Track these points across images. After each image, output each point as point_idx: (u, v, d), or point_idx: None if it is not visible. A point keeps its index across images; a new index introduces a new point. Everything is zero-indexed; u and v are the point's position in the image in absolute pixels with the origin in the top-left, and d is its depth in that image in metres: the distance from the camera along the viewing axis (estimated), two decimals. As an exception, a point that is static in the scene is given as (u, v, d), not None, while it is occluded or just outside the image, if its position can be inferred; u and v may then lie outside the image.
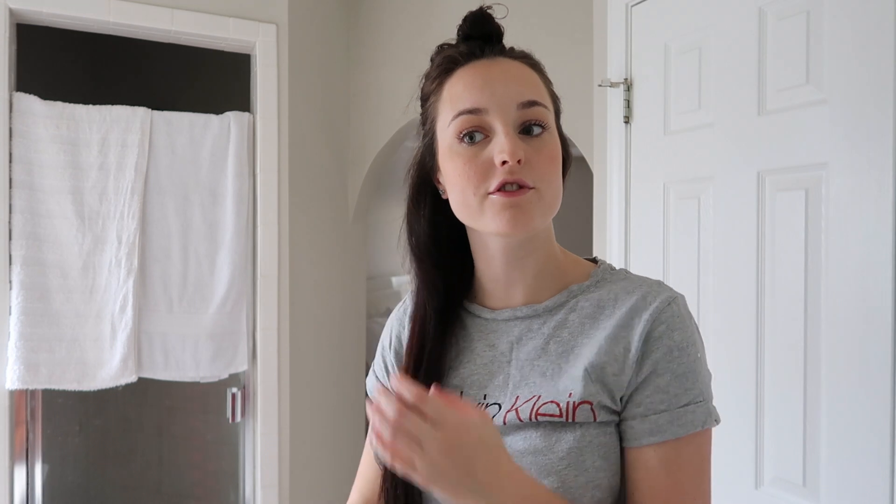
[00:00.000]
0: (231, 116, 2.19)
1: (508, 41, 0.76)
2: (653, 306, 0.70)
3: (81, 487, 2.95)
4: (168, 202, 2.12)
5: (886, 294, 1.10)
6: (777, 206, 1.28)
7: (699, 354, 0.71)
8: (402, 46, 2.43)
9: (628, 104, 1.63)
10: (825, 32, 1.19)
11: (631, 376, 0.69)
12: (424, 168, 0.78)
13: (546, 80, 0.76)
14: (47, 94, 1.99)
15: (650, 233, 1.58)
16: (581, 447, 0.68)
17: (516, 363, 0.75)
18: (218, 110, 2.19)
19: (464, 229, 0.79)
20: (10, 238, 1.93)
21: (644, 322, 0.70)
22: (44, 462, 2.06)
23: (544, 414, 0.69)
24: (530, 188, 0.68)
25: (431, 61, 0.77)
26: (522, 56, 0.75)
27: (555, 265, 0.78)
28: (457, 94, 0.72)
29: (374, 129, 2.53)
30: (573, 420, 0.68)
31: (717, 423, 0.71)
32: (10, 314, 1.92)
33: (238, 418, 2.23)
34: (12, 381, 1.91)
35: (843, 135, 1.16)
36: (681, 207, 1.50)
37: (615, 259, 1.66)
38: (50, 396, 2.21)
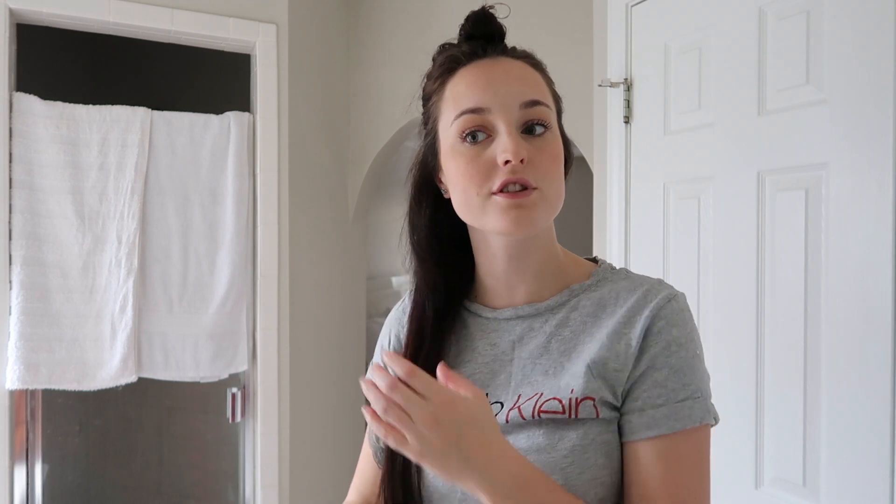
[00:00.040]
0: (231, 116, 2.19)
1: (508, 41, 0.76)
2: (653, 303, 0.71)
3: (81, 487, 2.95)
4: (168, 202, 2.12)
5: (886, 294, 1.10)
6: (777, 206, 1.28)
7: (698, 351, 0.71)
8: (402, 46, 2.43)
9: (628, 104, 1.63)
10: (825, 32, 1.19)
11: (630, 371, 0.69)
12: (426, 167, 0.78)
13: (548, 80, 0.76)
14: (47, 94, 1.99)
15: (650, 233, 1.58)
16: (584, 445, 0.68)
17: (518, 362, 0.75)
18: (218, 110, 2.19)
19: (465, 229, 0.79)
20: (10, 238, 1.93)
21: (644, 318, 0.70)
22: (44, 462, 2.06)
23: (547, 411, 0.69)
24: (534, 189, 0.69)
25: (433, 61, 0.77)
26: (525, 56, 0.75)
27: (556, 264, 0.78)
28: (459, 94, 0.72)
29: (374, 129, 2.53)
30: (576, 416, 0.68)
31: (717, 422, 0.71)
32: (10, 314, 1.92)
33: (238, 418, 2.24)
34: (12, 381, 1.91)
35: (843, 135, 1.16)
36: (681, 207, 1.50)
37: (615, 259, 1.66)
38: (50, 396, 2.21)
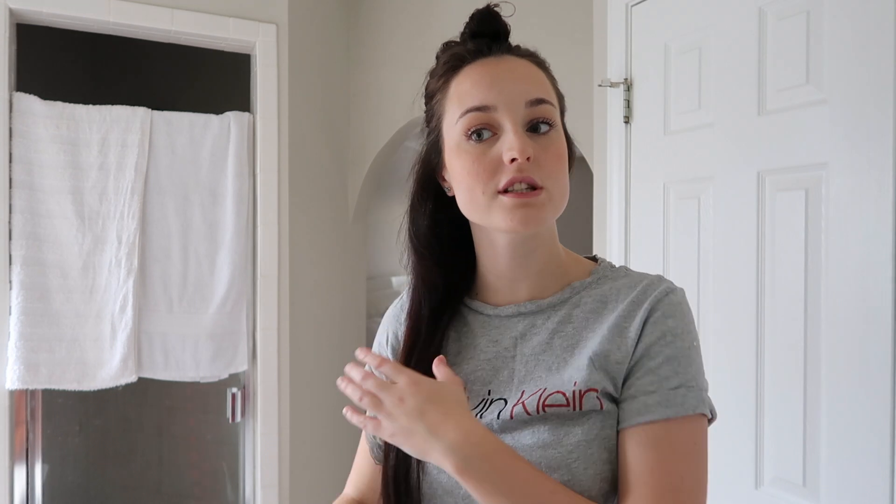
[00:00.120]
0: (231, 116, 2.19)
1: (509, 41, 0.76)
2: (652, 295, 0.72)
3: (81, 487, 2.94)
4: (168, 202, 2.12)
5: (886, 294, 1.10)
6: (777, 206, 1.28)
7: (694, 343, 0.71)
8: (402, 46, 2.43)
9: (628, 104, 1.63)
10: (825, 32, 1.19)
11: (628, 362, 0.70)
12: (429, 165, 0.78)
13: (552, 79, 0.76)
14: (47, 94, 1.99)
15: (650, 233, 1.58)
16: (589, 440, 0.68)
17: (521, 358, 0.75)
18: (218, 110, 2.19)
19: (466, 228, 0.79)
20: (10, 238, 1.93)
21: (643, 310, 0.71)
22: (44, 462, 2.06)
23: (552, 405, 0.69)
24: (541, 188, 0.69)
25: (437, 58, 0.77)
26: (529, 54, 0.76)
27: (557, 263, 0.78)
28: (465, 92, 0.72)
29: (374, 129, 2.53)
30: (580, 409, 0.68)
31: (714, 417, 0.70)
32: (10, 314, 1.92)
33: (238, 418, 2.23)
34: (12, 381, 1.91)
35: (843, 135, 1.16)
36: (681, 207, 1.50)
37: (615, 259, 1.66)
38: (50, 396, 2.21)
